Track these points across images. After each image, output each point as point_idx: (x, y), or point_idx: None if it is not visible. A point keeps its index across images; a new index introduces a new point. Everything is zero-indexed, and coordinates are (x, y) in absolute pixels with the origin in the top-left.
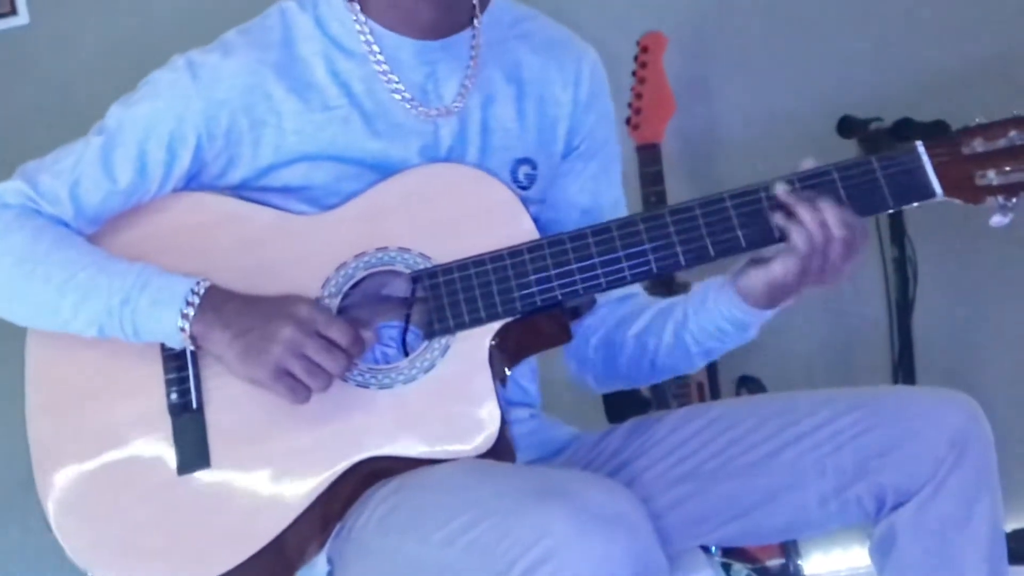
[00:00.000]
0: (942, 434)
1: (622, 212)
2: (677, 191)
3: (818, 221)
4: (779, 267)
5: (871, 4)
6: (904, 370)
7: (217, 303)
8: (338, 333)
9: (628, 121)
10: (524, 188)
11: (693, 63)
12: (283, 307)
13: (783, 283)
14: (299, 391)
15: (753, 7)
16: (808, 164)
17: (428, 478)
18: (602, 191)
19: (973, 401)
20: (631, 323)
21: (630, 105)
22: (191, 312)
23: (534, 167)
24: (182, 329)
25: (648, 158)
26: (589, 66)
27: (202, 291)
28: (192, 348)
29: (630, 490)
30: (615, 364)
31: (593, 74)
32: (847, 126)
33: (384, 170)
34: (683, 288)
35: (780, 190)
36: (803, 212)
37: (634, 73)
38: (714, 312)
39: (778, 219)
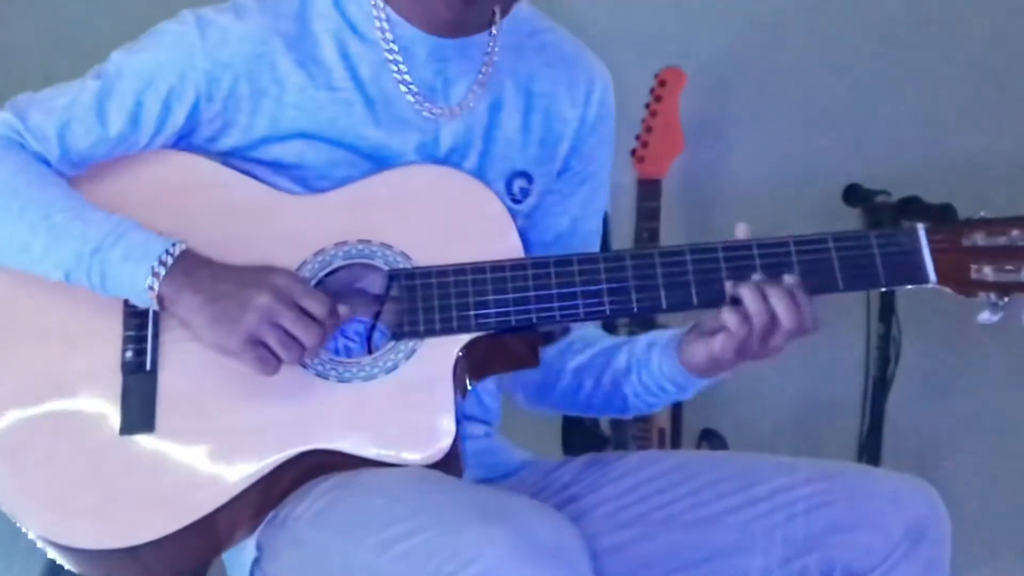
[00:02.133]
0: (899, 520)
1: (595, 243)
2: (671, 231)
3: (765, 312)
4: (718, 345)
5: (896, 76)
6: (870, 449)
7: (190, 267)
8: (315, 304)
9: (633, 152)
10: (517, 202)
11: (708, 105)
12: (260, 275)
13: (721, 360)
14: (269, 362)
15: (777, 59)
16: (741, 231)
17: (371, 480)
18: (584, 217)
19: (935, 492)
20: (572, 355)
21: (638, 137)
22: (162, 272)
23: (530, 181)
24: (151, 287)
25: (648, 193)
26: (600, 88)
27: (177, 252)
28: (157, 309)
29: (575, 525)
30: (548, 390)
31: (603, 97)
32: (853, 195)
33: (379, 160)
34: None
35: (728, 285)
36: (749, 301)
37: (647, 105)
38: (658, 374)
39: (729, 288)
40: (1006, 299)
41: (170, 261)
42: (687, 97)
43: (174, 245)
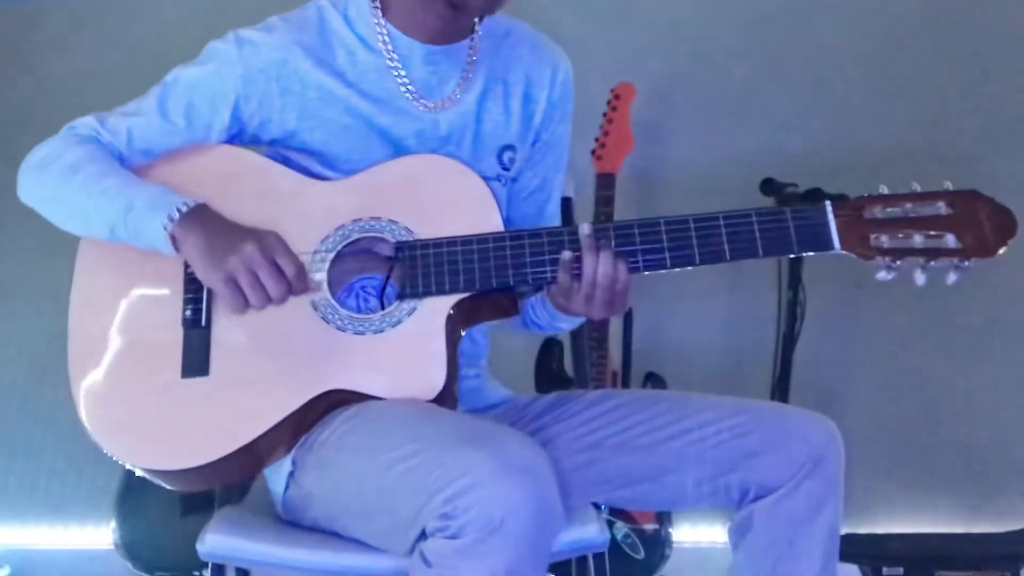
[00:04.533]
0: (804, 447)
1: (558, 198)
2: (623, 214)
3: (592, 268)
4: (554, 290)
5: (800, 89)
6: (780, 390)
7: (202, 217)
8: (288, 264)
9: (593, 152)
10: (506, 169)
11: (655, 112)
12: (255, 231)
13: (558, 301)
14: (239, 301)
15: (710, 76)
16: (585, 229)
17: (384, 411)
18: (551, 177)
19: (833, 424)
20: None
21: (597, 139)
22: (176, 216)
23: (515, 152)
24: (164, 227)
25: (605, 184)
26: (563, 74)
27: (192, 204)
28: (173, 253)
29: (544, 449)
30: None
31: (564, 81)
32: (768, 186)
33: (387, 140)
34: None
35: (582, 231)
36: (586, 257)
37: (604, 114)
38: (538, 306)
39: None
40: (899, 262)
41: (185, 209)
42: (637, 106)
43: (193, 199)
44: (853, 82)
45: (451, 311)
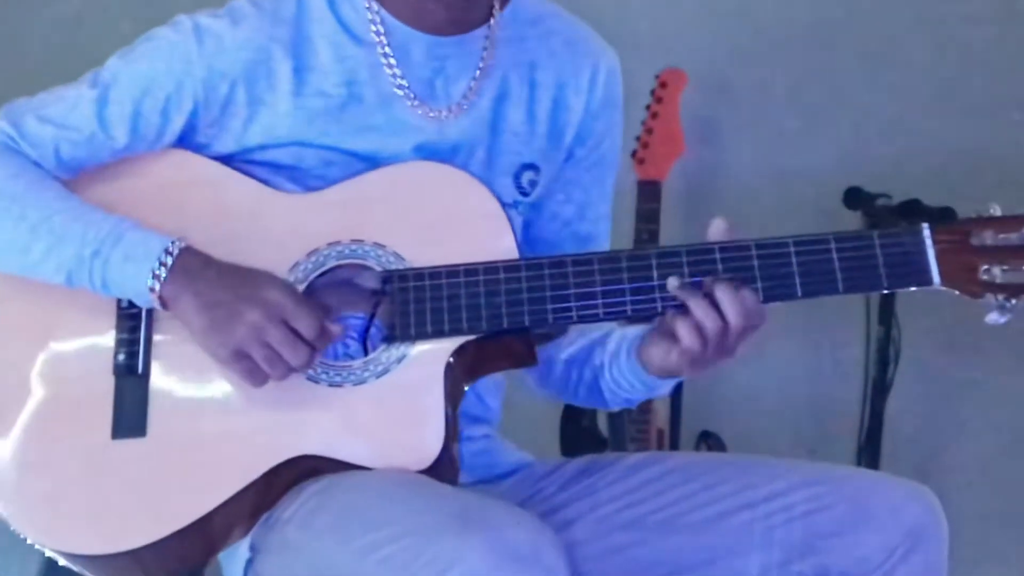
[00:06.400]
0: (898, 525)
1: (605, 230)
2: (671, 232)
3: (713, 317)
4: (674, 358)
5: (896, 78)
6: (869, 452)
7: (191, 267)
8: (304, 325)
9: (634, 154)
10: (525, 194)
11: (709, 106)
12: (255, 289)
13: (677, 370)
14: (257, 375)
15: (778, 59)
16: (716, 228)
17: (357, 483)
18: (590, 203)
19: (934, 496)
20: (567, 344)
21: (638, 139)
22: (163, 273)
23: (538, 173)
24: (152, 289)
25: (648, 194)
26: (605, 71)
27: (176, 251)
28: (160, 308)
29: (566, 530)
30: (548, 378)
31: (608, 80)
32: (854, 198)
33: (376, 164)
34: None
35: (671, 285)
36: (695, 308)
37: (648, 106)
38: (627, 373)
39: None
40: (1014, 301)
41: (170, 261)
42: (688, 98)
43: (173, 244)
44: (961, 74)
45: (451, 359)
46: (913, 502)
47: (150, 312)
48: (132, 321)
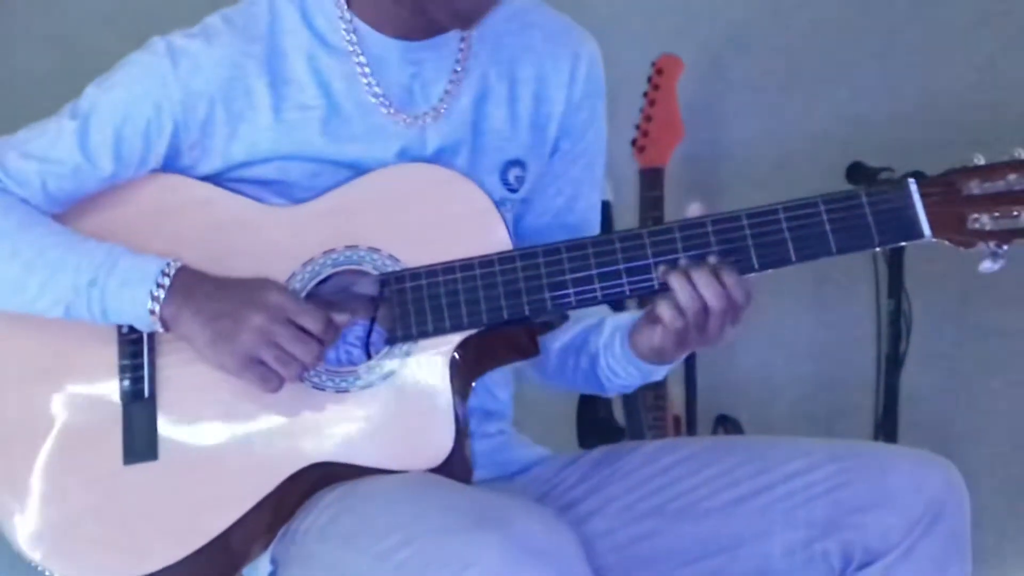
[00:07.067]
0: (919, 497)
1: (595, 219)
2: (676, 218)
3: (696, 300)
4: (658, 338)
5: (893, 52)
6: (887, 427)
7: (188, 285)
8: (310, 320)
9: (634, 143)
10: (513, 191)
11: (706, 91)
12: (254, 294)
13: (664, 351)
14: (270, 379)
15: (774, 41)
16: (694, 210)
17: (372, 488)
18: (580, 195)
19: (953, 467)
20: (557, 333)
21: (637, 127)
22: (161, 294)
23: (524, 168)
24: (152, 311)
25: (650, 182)
26: (586, 62)
27: (172, 272)
28: (162, 330)
29: (586, 523)
30: (546, 368)
31: (589, 71)
32: (857, 172)
33: (361, 172)
34: None
35: (660, 269)
36: (679, 291)
37: (646, 94)
38: (622, 359)
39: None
40: (1006, 247)
41: (167, 282)
42: (684, 84)
43: (169, 265)
44: (958, 44)
45: (455, 354)
46: (933, 474)
47: (151, 336)
48: (134, 346)
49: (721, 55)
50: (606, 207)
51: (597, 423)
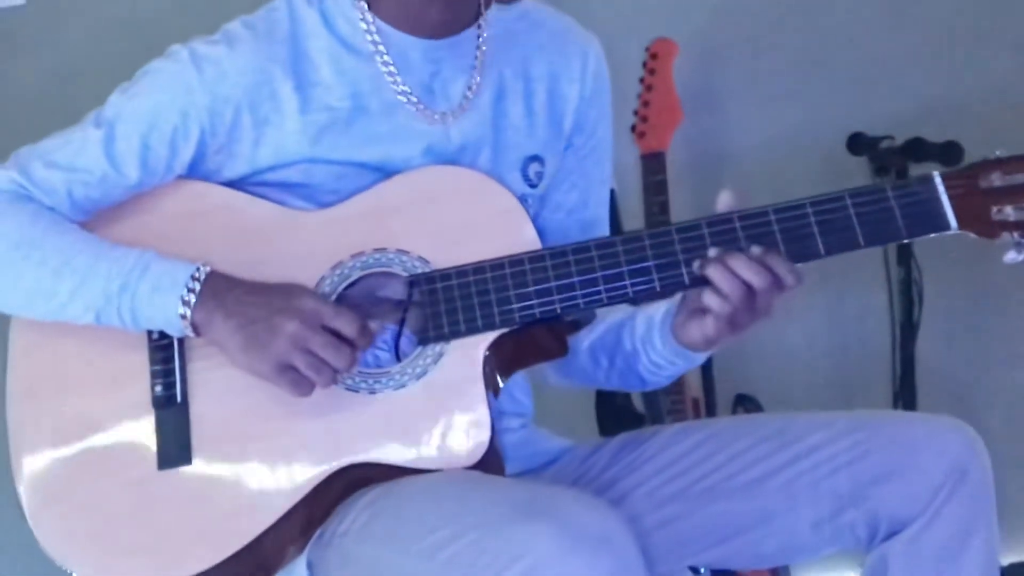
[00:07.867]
0: (940, 463)
1: (605, 214)
2: (681, 202)
3: (738, 286)
4: (711, 326)
5: (885, 21)
6: (905, 395)
7: (219, 290)
8: (345, 325)
9: (633, 128)
10: (533, 186)
11: (702, 72)
12: (287, 299)
13: (718, 339)
14: (303, 385)
15: (766, 18)
16: (724, 199)
17: (411, 487)
18: (591, 190)
19: (973, 431)
20: (585, 333)
21: (636, 112)
22: (192, 299)
23: (543, 164)
24: (183, 316)
25: (653, 167)
26: (594, 59)
27: (203, 276)
28: (193, 335)
29: (618, 508)
30: (571, 367)
31: (597, 68)
32: (858, 143)
33: (387, 172)
34: None
35: (695, 264)
36: (719, 280)
37: (642, 80)
38: (665, 353)
39: (696, 269)
40: None
41: (197, 287)
42: (680, 67)
43: (199, 269)
44: (952, 11)
45: (487, 352)
46: (953, 438)
47: (181, 341)
48: (164, 352)
49: (715, 36)
50: (611, 195)
51: (616, 411)
